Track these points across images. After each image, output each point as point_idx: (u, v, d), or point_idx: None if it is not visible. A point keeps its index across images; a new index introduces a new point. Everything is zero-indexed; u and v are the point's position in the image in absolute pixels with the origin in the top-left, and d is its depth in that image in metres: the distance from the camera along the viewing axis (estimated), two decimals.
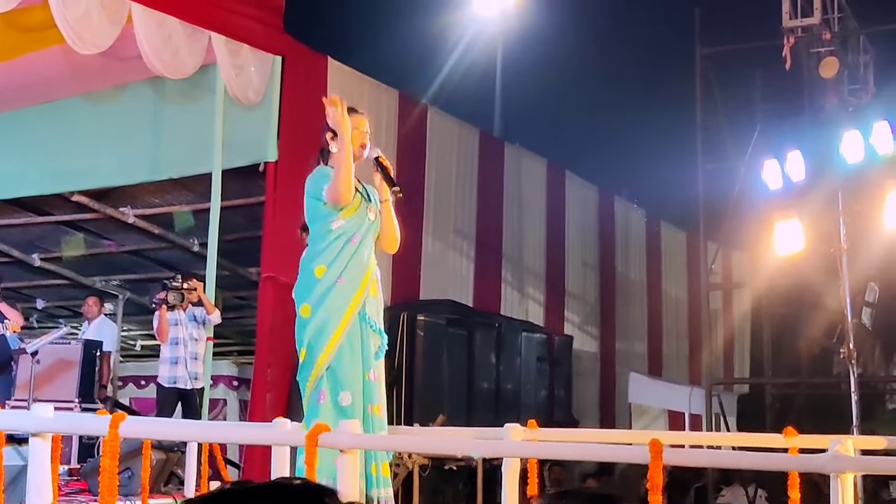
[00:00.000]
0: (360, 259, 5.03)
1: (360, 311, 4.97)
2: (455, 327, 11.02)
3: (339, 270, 4.94)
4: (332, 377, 4.89)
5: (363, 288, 4.99)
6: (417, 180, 12.29)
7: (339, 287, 4.92)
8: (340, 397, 4.89)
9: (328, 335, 4.88)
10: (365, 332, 4.99)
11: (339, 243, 4.99)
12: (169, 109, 10.77)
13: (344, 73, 11.23)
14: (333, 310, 4.90)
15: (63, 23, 7.98)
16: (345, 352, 4.91)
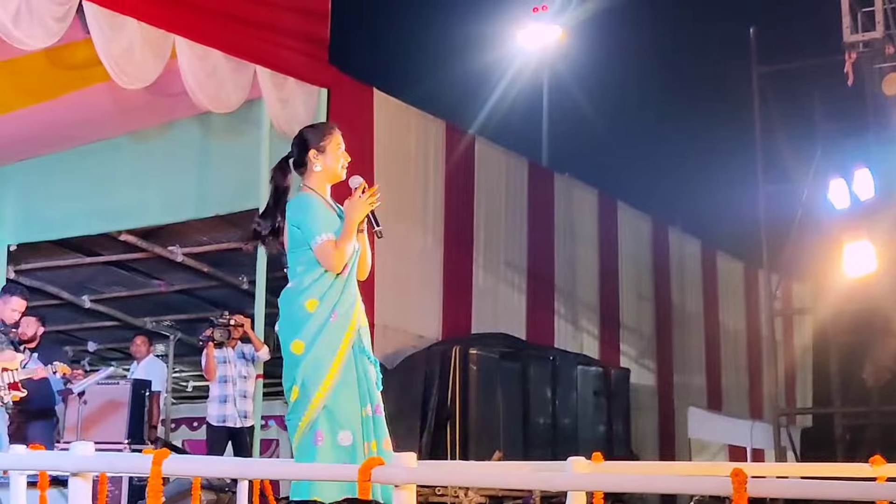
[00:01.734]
0: (350, 290, 4.76)
1: (353, 343, 4.72)
2: (509, 361, 10.77)
3: (331, 304, 4.67)
4: (330, 417, 4.60)
5: (355, 319, 4.74)
6: (466, 211, 12.11)
7: (332, 323, 4.64)
8: (340, 437, 4.60)
9: (324, 373, 4.61)
10: (362, 363, 4.73)
11: (329, 276, 4.69)
12: (215, 145, 10.66)
13: (390, 104, 11.12)
14: (328, 346, 4.63)
15: (106, 57, 7.89)
16: (342, 389, 4.64)
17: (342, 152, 4.92)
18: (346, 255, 4.69)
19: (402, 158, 11.30)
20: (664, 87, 20.36)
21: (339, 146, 4.92)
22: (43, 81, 9.14)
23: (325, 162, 4.84)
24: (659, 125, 19.98)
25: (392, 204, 11.02)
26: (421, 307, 11.34)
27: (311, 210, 4.72)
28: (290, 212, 4.76)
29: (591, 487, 4.02)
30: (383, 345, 10.64)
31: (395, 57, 14.47)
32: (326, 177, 4.85)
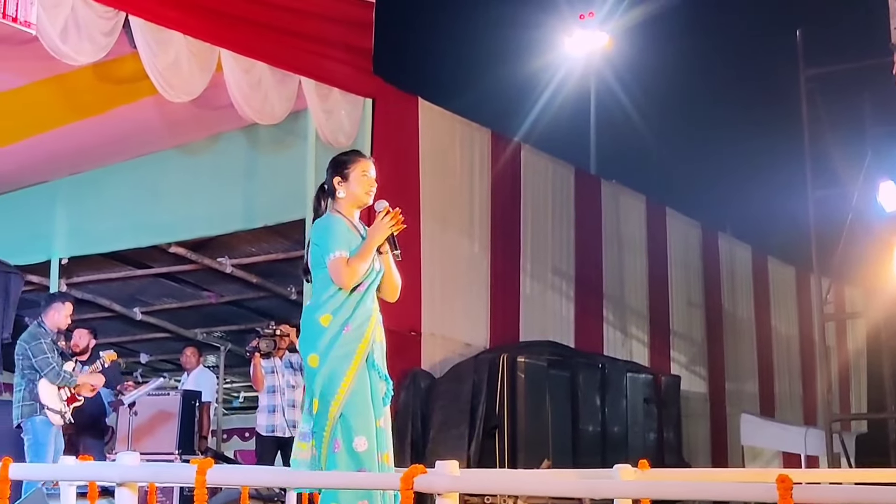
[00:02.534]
0: (366, 307, 4.91)
1: (367, 357, 4.86)
2: (557, 369, 10.70)
3: (343, 319, 4.83)
4: (345, 425, 4.76)
5: (369, 334, 4.88)
6: (513, 219, 12.08)
7: (345, 335, 4.81)
8: (355, 443, 4.74)
9: (338, 384, 4.78)
10: (373, 378, 4.88)
11: (343, 292, 4.86)
12: (262, 157, 10.73)
13: (434, 113, 11.12)
14: (341, 358, 4.80)
15: (153, 71, 7.96)
16: (356, 398, 4.79)
17: (369, 178, 5.06)
18: (358, 273, 4.86)
19: (447, 167, 11.30)
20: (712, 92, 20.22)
21: (365, 173, 5.08)
22: (91, 96, 9.25)
23: (349, 189, 5.03)
24: (707, 130, 19.83)
25: (438, 213, 11.04)
26: (468, 315, 11.32)
27: (330, 229, 4.92)
28: (312, 232, 5.01)
29: (636, 495, 3.98)
30: (431, 353, 10.65)
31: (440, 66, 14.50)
32: (352, 202, 5.04)
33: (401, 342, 10.32)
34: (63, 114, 9.50)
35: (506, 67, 18.10)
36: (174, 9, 8.12)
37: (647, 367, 13.00)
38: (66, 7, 7.30)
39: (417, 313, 10.59)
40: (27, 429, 8.18)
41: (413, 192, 10.73)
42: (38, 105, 9.28)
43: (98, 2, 7.51)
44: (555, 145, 14.07)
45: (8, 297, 10.23)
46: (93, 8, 7.49)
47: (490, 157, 11.84)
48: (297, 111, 9.49)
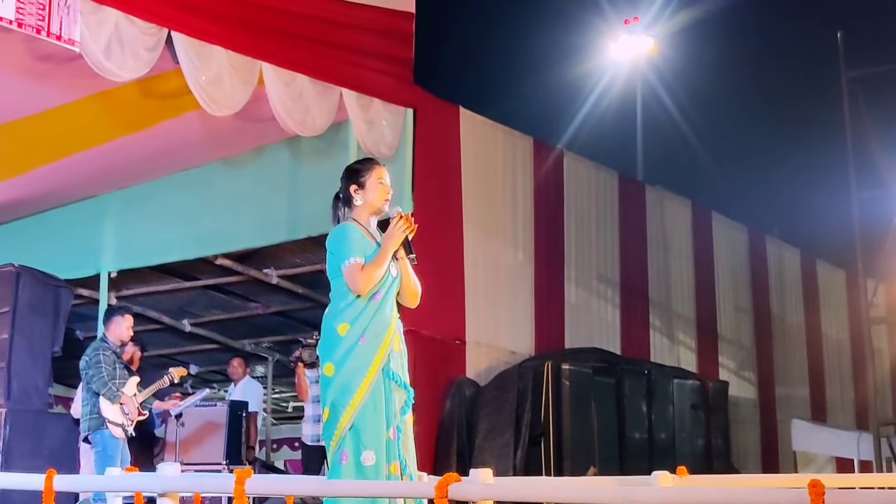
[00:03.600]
0: (383, 316, 4.93)
1: (383, 367, 4.86)
2: (602, 376, 10.66)
3: (361, 329, 4.84)
4: (355, 437, 4.77)
5: (386, 344, 4.88)
6: (556, 227, 12.08)
7: (361, 346, 4.82)
8: (363, 457, 4.74)
9: (351, 394, 4.77)
10: (388, 388, 4.88)
11: (361, 301, 4.87)
12: (305, 169, 10.81)
13: (476, 122, 11.16)
14: (356, 369, 4.80)
15: (196, 86, 8.05)
16: (368, 411, 4.79)
17: (384, 185, 5.10)
18: (374, 279, 4.87)
19: (490, 176, 11.32)
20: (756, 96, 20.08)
21: (381, 180, 5.10)
22: (136, 112, 9.36)
23: (365, 196, 5.06)
24: (752, 133, 19.70)
25: (481, 221, 11.06)
26: (513, 323, 11.33)
27: (345, 237, 4.96)
28: (329, 241, 5.03)
29: (672, 501, 3.97)
30: (475, 361, 10.67)
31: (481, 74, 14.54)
32: (368, 210, 5.07)
33: (445, 351, 10.37)
34: (109, 130, 9.61)
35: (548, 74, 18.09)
36: (215, 24, 8.21)
37: (695, 373, 12.92)
38: (109, 24, 7.39)
39: (462, 322, 10.62)
40: (96, 441, 8.31)
41: (456, 201, 10.77)
42: (85, 121, 9.39)
43: (141, 18, 7.60)
44: (598, 152, 14.06)
45: (58, 311, 10.38)
46: (136, 25, 7.58)
47: (532, 164, 11.85)
48: (339, 122, 9.56)
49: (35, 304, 10.10)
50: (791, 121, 18.45)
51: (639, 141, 17.50)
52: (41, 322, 10.16)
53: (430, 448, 10.00)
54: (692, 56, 19.24)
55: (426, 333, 10.07)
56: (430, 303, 10.03)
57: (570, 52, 18.98)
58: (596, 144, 15.33)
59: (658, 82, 18.94)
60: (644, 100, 18.37)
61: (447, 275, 10.53)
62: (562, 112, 17.08)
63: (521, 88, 16.63)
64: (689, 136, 19.37)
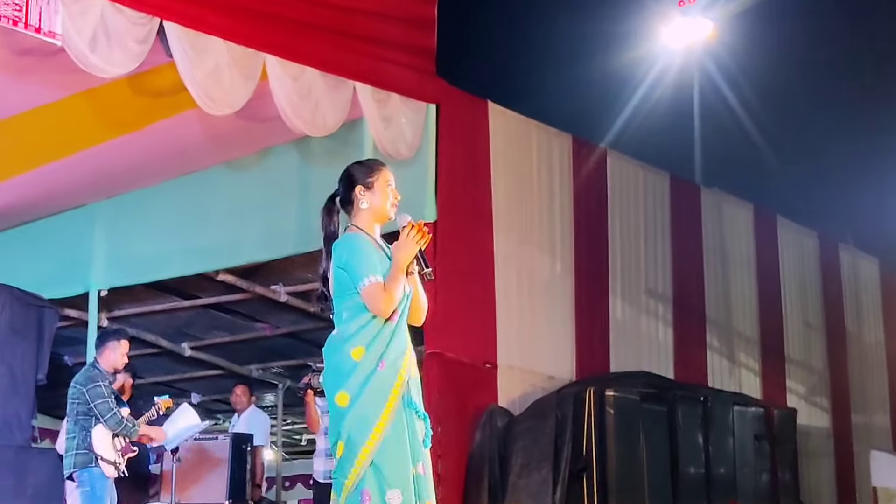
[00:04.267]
0: (401, 338, 4.88)
1: (403, 395, 4.81)
2: (652, 403, 10.63)
3: (379, 353, 4.79)
4: (377, 474, 4.68)
5: (405, 370, 4.84)
6: (599, 235, 12.08)
7: (380, 372, 4.76)
8: (388, 497, 4.67)
9: (370, 426, 4.71)
10: (410, 418, 4.82)
11: (378, 322, 4.81)
12: (316, 172, 10.86)
13: (507, 118, 11.18)
14: (375, 398, 4.74)
15: (191, 81, 8.10)
16: (390, 444, 4.72)
17: (392, 189, 5.08)
18: (396, 299, 4.81)
19: (523, 178, 11.33)
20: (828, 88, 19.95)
21: (389, 183, 5.09)
22: (127, 111, 9.43)
23: (373, 200, 5.03)
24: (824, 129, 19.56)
25: (514, 229, 11.08)
26: (550, 344, 11.32)
27: (358, 251, 4.86)
28: (337, 253, 4.90)
29: None
30: (508, 388, 10.67)
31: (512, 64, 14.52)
32: (374, 216, 5.02)
33: (474, 376, 10.39)
34: (98, 131, 9.69)
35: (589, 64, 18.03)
36: (212, 11, 8.24)
37: (758, 400, 12.86)
38: (94, 14, 7.43)
39: (492, 343, 10.63)
40: (83, 480, 8.37)
41: (484, 207, 10.79)
42: (71, 122, 9.47)
43: (129, 7, 7.63)
44: (647, 150, 14.03)
45: (42, 334, 10.51)
46: (124, 14, 7.61)
47: (571, 165, 11.85)
48: (353, 120, 9.60)
49: (17, 326, 10.24)
50: (868, 115, 18.31)
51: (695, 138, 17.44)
52: (24, 346, 10.30)
53: (457, 486, 10.02)
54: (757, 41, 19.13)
55: (452, 356, 10.10)
56: (456, 322, 10.24)
57: (614, 38, 18.93)
58: (644, 142, 15.30)
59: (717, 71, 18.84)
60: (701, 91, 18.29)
61: (475, 290, 10.55)
62: (605, 106, 17.03)
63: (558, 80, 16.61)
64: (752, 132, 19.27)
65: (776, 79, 19.74)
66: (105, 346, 8.69)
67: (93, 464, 8.33)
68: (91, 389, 8.39)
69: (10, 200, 10.91)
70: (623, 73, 18.21)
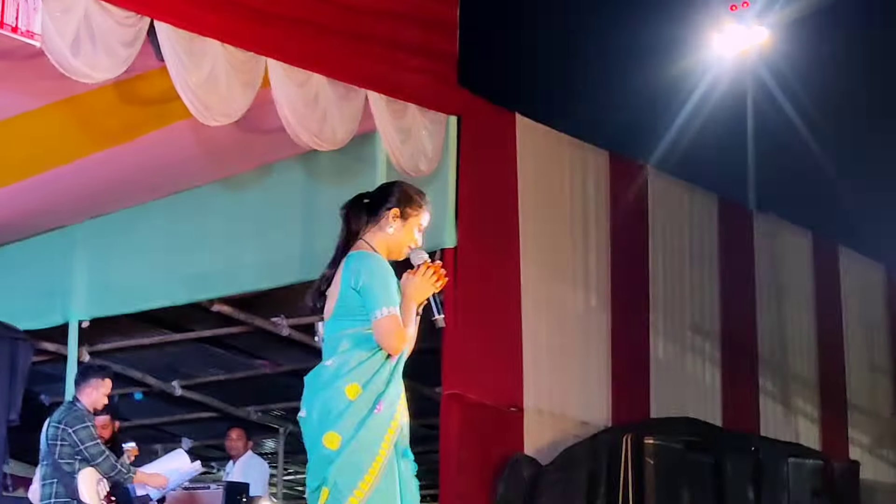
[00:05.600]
0: (398, 380, 4.83)
1: (396, 443, 4.78)
2: (697, 453, 10.61)
3: (376, 393, 4.73)
4: None
5: (399, 415, 4.81)
6: (639, 264, 12.07)
7: (376, 416, 4.71)
8: None
9: (361, 474, 4.66)
10: (402, 469, 4.81)
11: (380, 358, 4.76)
12: (323, 192, 10.88)
13: (537, 132, 11.19)
14: (369, 443, 4.69)
15: (184, 88, 8.12)
16: (381, 496, 4.68)
17: (420, 234, 5.05)
18: (411, 338, 4.80)
19: (554, 199, 11.33)
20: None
21: (421, 226, 5.04)
22: (114, 121, 9.50)
23: (399, 233, 4.96)
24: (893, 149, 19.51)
25: (544, 257, 11.08)
26: (583, 386, 11.30)
27: (381, 276, 4.80)
28: (352, 270, 4.81)
29: None
30: (537, 434, 10.64)
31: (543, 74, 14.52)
32: (389, 247, 4.96)
33: (497, 420, 10.37)
34: (80, 143, 9.75)
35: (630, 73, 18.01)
36: (208, 10, 8.28)
37: (817, 451, 12.83)
38: (77, 13, 7.45)
39: (518, 384, 10.61)
40: None
41: (511, 230, 10.79)
42: (50, 133, 9.54)
43: (116, 5, 7.67)
44: (693, 170, 13.99)
45: (15, 369, 10.53)
46: (110, 13, 7.64)
47: (608, 185, 11.85)
48: (365, 133, 9.64)
49: None
50: None
51: (747, 157, 17.42)
52: None
53: None
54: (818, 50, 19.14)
55: (473, 398, 10.09)
56: (478, 360, 10.24)
57: (659, 46, 18.93)
58: (691, 160, 15.26)
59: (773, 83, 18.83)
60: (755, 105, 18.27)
61: (500, 324, 10.54)
62: (647, 120, 17.02)
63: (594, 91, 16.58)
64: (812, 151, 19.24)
65: (839, 92, 19.69)
66: (87, 383, 8.70)
67: None
68: (79, 430, 8.40)
69: None
70: (668, 84, 18.19)
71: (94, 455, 8.32)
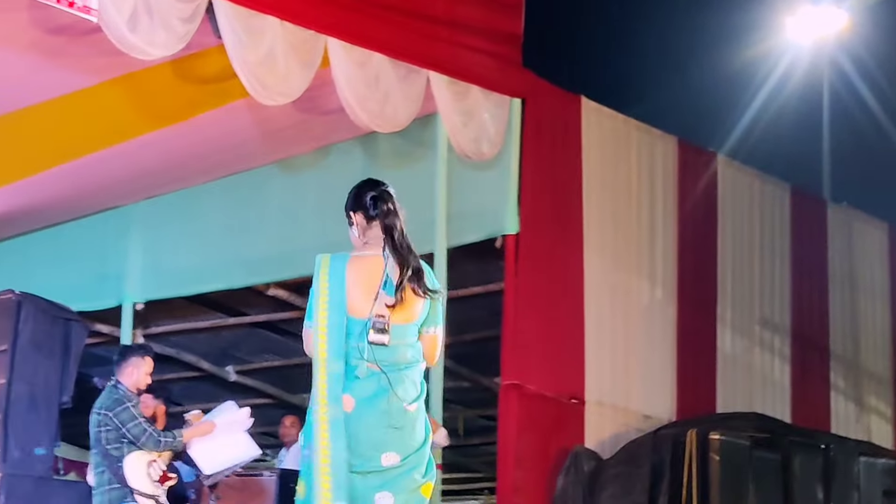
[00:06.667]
0: None
1: None
2: (764, 450, 10.52)
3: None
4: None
5: None
6: (707, 255, 12.02)
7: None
8: None
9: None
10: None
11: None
12: (381, 174, 10.76)
13: (603, 116, 11.15)
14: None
15: (241, 66, 8.17)
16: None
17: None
18: None
19: (620, 186, 11.30)
20: None
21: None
22: (170, 100, 9.56)
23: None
24: None
25: (608, 246, 11.05)
26: (647, 379, 11.27)
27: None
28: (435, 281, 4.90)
29: None
30: (597, 427, 10.63)
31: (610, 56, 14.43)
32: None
33: (558, 412, 10.38)
34: (136, 122, 9.81)
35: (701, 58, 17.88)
36: None
37: (889, 450, 12.69)
38: None
39: (580, 375, 10.60)
40: None
41: (574, 218, 10.78)
42: (106, 111, 9.60)
43: None
44: (765, 158, 13.92)
45: (68, 351, 10.53)
46: None
47: (676, 173, 11.81)
48: (426, 115, 9.65)
49: (39, 341, 10.26)
50: None
51: (822, 146, 17.28)
52: (47, 365, 10.32)
53: None
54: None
55: (533, 389, 10.10)
56: (538, 350, 10.23)
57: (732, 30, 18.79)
58: (763, 149, 15.14)
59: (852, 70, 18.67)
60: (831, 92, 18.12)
61: (561, 314, 10.54)
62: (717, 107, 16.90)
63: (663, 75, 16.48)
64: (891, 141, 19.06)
65: None
66: (127, 362, 8.65)
67: (128, 499, 8.35)
68: (120, 412, 8.37)
69: (35, 199, 11.08)
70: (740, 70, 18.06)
71: (137, 435, 8.31)
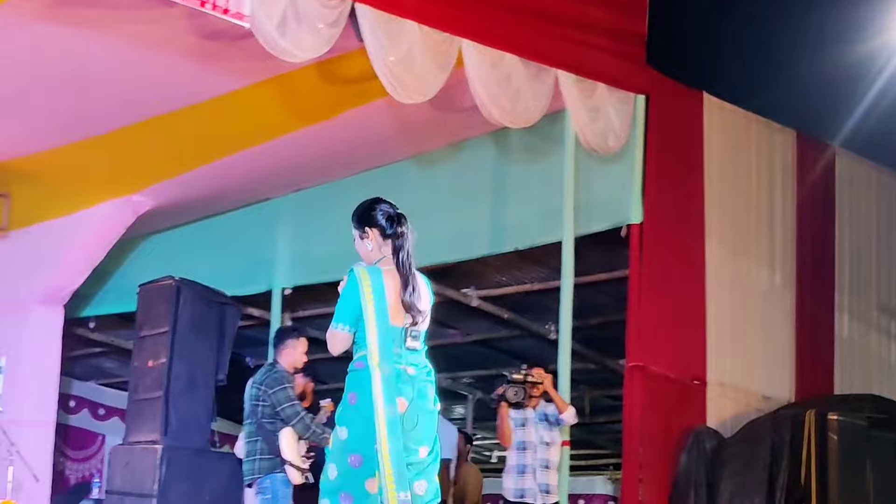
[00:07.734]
0: None
1: None
2: (882, 430, 10.33)
3: None
4: None
5: None
6: (825, 243, 11.85)
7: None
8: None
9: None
10: None
11: None
12: (512, 168, 10.94)
13: (725, 111, 11.05)
14: None
15: (381, 67, 8.24)
16: None
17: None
18: None
19: (740, 178, 11.18)
20: None
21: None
22: (315, 100, 9.64)
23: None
24: None
25: (729, 235, 10.95)
26: (766, 361, 11.14)
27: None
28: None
29: None
30: (718, 407, 10.55)
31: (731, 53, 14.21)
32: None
33: (681, 393, 10.31)
34: (284, 120, 9.94)
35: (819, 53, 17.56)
36: None
37: None
38: None
39: (702, 357, 10.52)
40: (264, 486, 8.48)
41: (696, 208, 10.69)
42: (257, 111, 9.74)
43: None
44: (883, 150, 13.61)
45: (223, 333, 10.70)
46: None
47: (795, 165, 11.66)
48: (553, 112, 9.64)
49: (197, 323, 10.43)
50: None
51: None
52: (204, 345, 10.48)
53: None
54: None
55: (657, 371, 10.04)
56: (661, 333, 10.17)
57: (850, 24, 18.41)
58: (880, 141, 14.83)
59: None
60: None
61: (684, 299, 10.46)
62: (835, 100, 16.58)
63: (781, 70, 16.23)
64: None
65: None
66: (284, 344, 8.83)
67: (277, 469, 8.48)
68: (276, 392, 8.50)
69: (192, 193, 11.28)
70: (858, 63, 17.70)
71: (290, 416, 8.42)
